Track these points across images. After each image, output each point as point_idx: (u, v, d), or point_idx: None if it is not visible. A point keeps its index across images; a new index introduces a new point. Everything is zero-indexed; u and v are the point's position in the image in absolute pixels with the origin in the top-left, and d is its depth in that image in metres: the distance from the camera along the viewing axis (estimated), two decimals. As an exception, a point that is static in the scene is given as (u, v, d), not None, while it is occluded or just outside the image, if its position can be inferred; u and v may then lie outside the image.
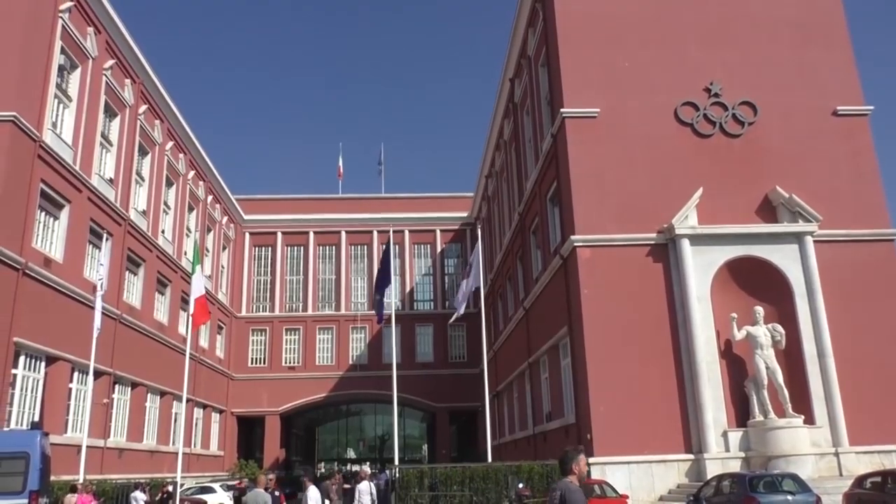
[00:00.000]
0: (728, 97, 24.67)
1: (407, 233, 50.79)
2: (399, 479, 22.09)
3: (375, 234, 50.56)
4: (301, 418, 50.54)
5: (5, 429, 20.62)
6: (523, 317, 31.62)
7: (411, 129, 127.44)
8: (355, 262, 50.97)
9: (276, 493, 12.61)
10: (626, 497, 16.98)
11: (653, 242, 23.06)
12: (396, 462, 24.49)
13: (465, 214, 51.13)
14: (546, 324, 27.08)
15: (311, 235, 50.81)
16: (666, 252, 23.00)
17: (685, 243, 22.60)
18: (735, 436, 21.09)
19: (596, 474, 20.03)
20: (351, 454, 53.40)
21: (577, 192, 23.29)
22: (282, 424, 47.75)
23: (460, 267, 49.79)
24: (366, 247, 50.97)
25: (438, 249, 51.16)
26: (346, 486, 26.92)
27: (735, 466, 20.19)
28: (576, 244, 22.79)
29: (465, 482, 21.80)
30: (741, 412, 21.69)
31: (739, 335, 21.90)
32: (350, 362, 48.44)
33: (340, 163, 54.13)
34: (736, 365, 22.25)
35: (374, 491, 20.43)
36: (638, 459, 20.81)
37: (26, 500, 14.52)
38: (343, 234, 50.85)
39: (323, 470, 48.02)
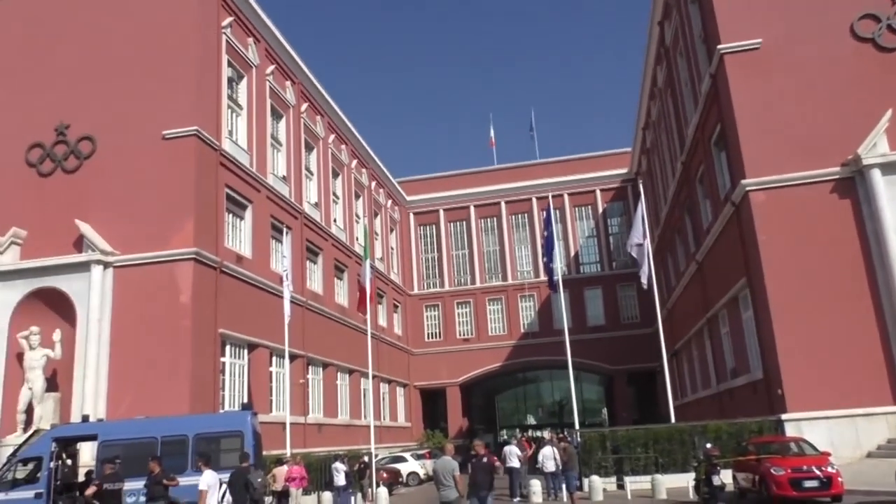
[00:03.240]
0: (917, 1, 21.76)
1: (566, 196, 50.16)
2: (581, 443, 22.18)
3: (534, 200, 50.39)
4: (479, 388, 51.88)
5: (221, 411, 23.07)
6: (696, 271, 30.26)
7: (559, 90, 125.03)
8: (517, 232, 51.20)
9: (485, 460, 12.97)
10: (828, 454, 15.83)
11: (836, 177, 21.06)
12: (577, 426, 24.58)
13: (624, 171, 49.57)
14: (722, 276, 25.75)
15: (472, 209, 51.64)
16: (853, 186, 20.91)
17: (876, 174, 20.40)
18: (954, 382, 18.93)
19: (791, 431, 18.92)
20: (531, 420, 54.05)
21: (743, 132, 21.78)
22: (462, 395, 49.36)
23: (624, 225, 48.46)
24: (526, 215, 50.99)
25: (600, 210, 50.08)
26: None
27: (957, 415, 18.15)
28: (748, 188, 21.38)
29: (648, 444, 21.49)
30: (960, 356, 19.41)
31: (951, 269, 19.53)
32: (522, 330, 48.96)
33: (492, 133, 54.29)
34: (949, 303, 19.89)
35: (558, 455, 20.65)
36: (838, 414, 19.29)
37: (245, 474, 16.18)
38: (503, 204, 51.18)
39: (505, 437, 49.03)
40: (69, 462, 18.84)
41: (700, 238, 29.23)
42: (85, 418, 18.92)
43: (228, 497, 11.60)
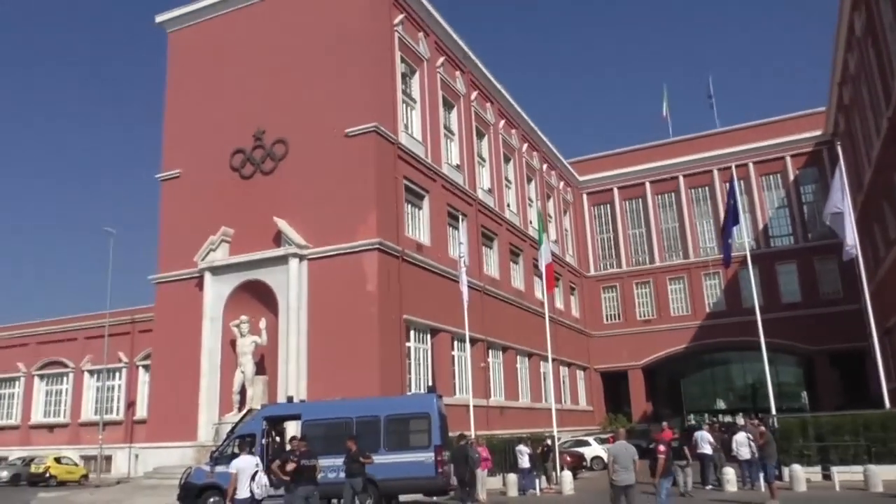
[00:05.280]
0: None
1: (751, 165, 46.91)
2: (776, 429, 20.80)
3: (716, 172, 47.64)
4: (663, 370, 50.10)
5: (408, 393, 24.16)
6: (911, 240, 27.06)
7: (739, 52, 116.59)
8: (697, 206, 48.76)
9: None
10: None
11: None
12: (773, 411, 23.02)
13: (818, 133, 45.33)
14: (943, 245, 22.81)
15: (648, 185, 49.87)
16: None
17: None
18: None
19: None
20: (720, 405, 51.31)
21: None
22: (645, 378, 48.00)
23: (820, 193, 44.43)
24: (707, 188, 48.39)
25: (791, 177, 46.26)
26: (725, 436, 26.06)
27: None
28: (973, 145, 18.71)
29: (858, 431, 19.70)
30: None
31: None
32: (707, 310, 46.65)
33: (665, 105, 51.76)
34: None
35: (753, 442, 19.50)
36: None
37: (433, 454, 16.79)
38: (680, 178, 48.90)
39: (693, 422, 47.02)
40: (278, 439, 20.64)
41: (914, 203, 26.08)
42: (290, 399, 20.55)
43: (263, 480, 11.83)
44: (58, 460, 33.61)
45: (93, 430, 35.44)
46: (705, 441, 21.08)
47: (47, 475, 32.30)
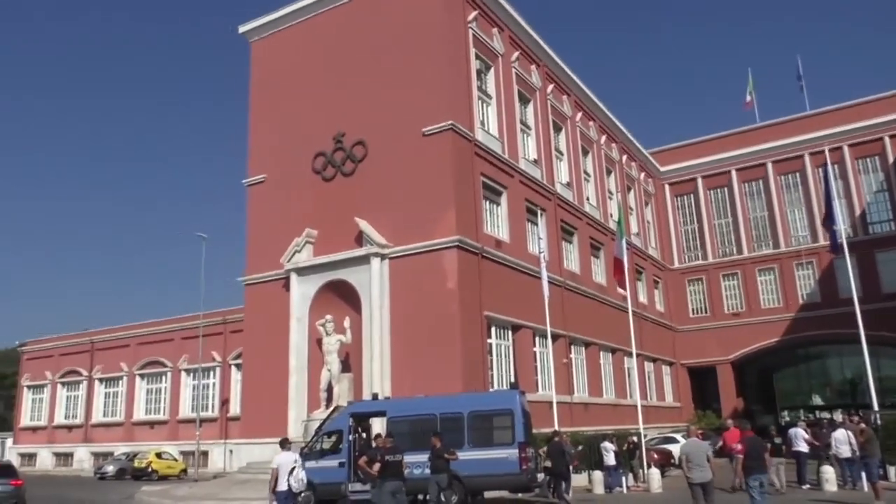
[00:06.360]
0: None
1: (846, 148, 44.57)
2: (879, 425, 19.81)
3: (807, 157, 45.48)
4: (754, 365, 48.23)
5: (491, 390, 24.17)
6: None
7: (828, 32, 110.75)
8: (788, 193, 46.69)
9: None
10: None
11: None
12: (875, 407, 21.88)
13: (920, 111, 42.67)
14: None
15: (733, 174, 48.11)
16: None
17: None
18: None
19: None
20: (817, 400, 49.00)
21: None
22: (734, 373, 46.36)
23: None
24: (798, 174, 46.26)
25: (890, 159, 43.66)
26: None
27: None
28: None
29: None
30: None
31: None
32: (800, 302, 44.63)
33: (750, 87, 49.46)
34: None
35: (854, 440, 18.58)
36: None
37: (516, 450, 16.75)
38: (769, 165, 46.93)
39: (788, 418, 45.14)
40: (364, 435, 21.07)
41: None
42: (374, 396, 20.94)
43: (301, 475, 12.82)
44: (159, 455, 35.44)
45: (190, 426, 37.14)
46: (800, 438, 20.26)
47: (149, 469, 34.13)
